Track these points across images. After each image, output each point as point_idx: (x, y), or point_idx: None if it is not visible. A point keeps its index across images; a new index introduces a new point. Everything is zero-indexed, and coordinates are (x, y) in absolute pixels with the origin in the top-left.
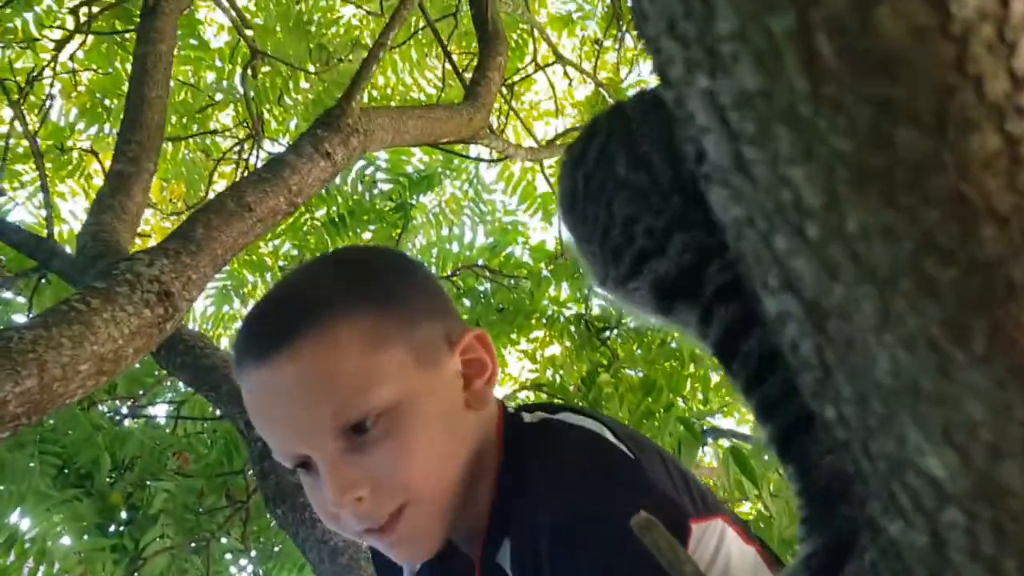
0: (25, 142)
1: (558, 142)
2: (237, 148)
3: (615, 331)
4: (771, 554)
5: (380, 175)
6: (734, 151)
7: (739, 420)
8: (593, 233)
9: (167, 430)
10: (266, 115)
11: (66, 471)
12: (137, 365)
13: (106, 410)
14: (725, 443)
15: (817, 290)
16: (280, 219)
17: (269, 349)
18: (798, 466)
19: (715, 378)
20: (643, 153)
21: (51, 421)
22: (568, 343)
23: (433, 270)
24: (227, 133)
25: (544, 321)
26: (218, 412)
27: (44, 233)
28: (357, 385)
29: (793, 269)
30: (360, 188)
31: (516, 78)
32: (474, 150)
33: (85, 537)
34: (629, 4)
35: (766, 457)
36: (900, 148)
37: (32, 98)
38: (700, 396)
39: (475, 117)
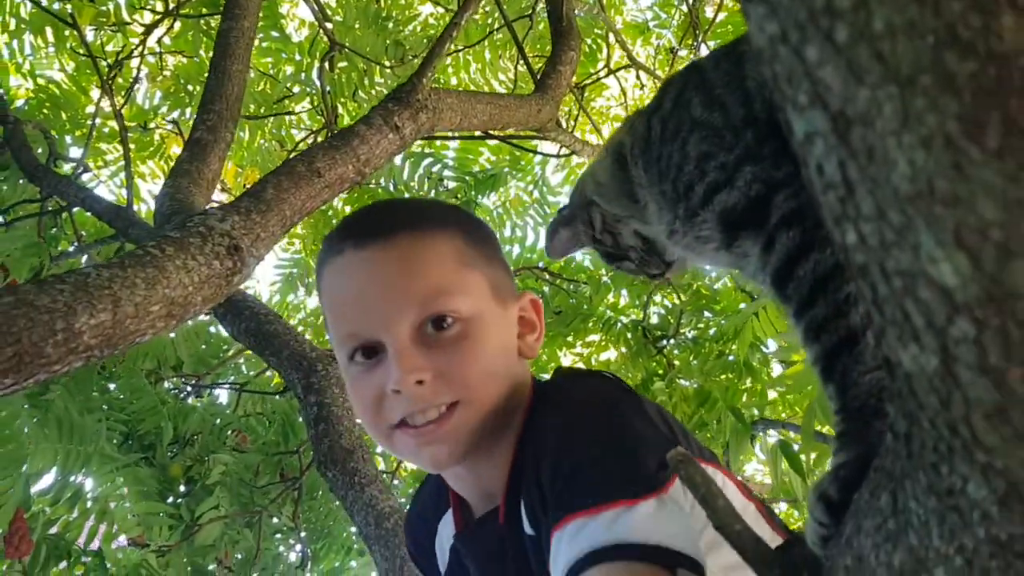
0: (110, 123)
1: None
2: (311, 139)
3: (672, 340)
4: (770, 514)
5: (447, 172)
6: None
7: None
8: (666, 172)
9: (229, 410)
10: (340, 109)
11: (130, 441)
12: (204, 346)
13: (170, 386)
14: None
15: (843, 98)
16: (347, 187)
17: (375, 235)
18: (839, 384)
19: (771, 394)
20: (717, 95)
21: (119, 393)
22: (624, 349)
23: None
24: (302, 126)
25: (601, 326)
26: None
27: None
28: (447, 287)
29: (822, 80)
30: (426, 185)
31: (587, 82)
32: (541, 147)
33: (144, 502)
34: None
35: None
36: None
37: (120, 80)
38: (755, 412)
39: (544, 108)
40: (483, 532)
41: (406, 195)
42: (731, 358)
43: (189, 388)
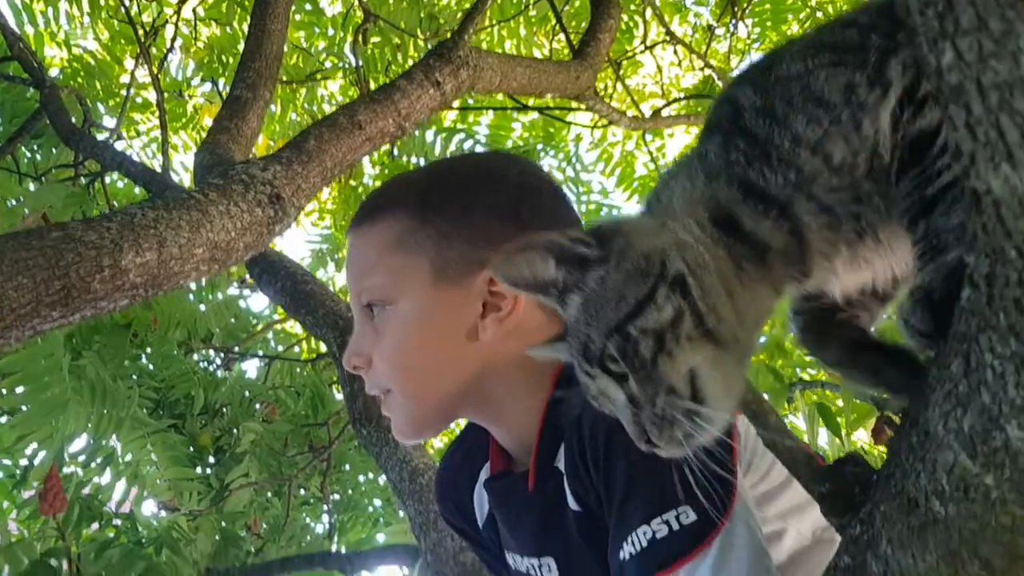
0: (143, 93)
1: (663, 113)
2: None
3: None
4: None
5: (479, 149)
6: None
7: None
8: None
9: (258, 383)
10: (372, 84)
11: (160, 410)
12: (233, 320)
13: (199, 359)
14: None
15: None
16: (387, 141)
17: (355, 223)
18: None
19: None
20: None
21: (150, 362)
22: None
23: None
24: (334, 101)
25: None
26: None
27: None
28: (365, 271)
29: None
30: None
31: (623, 59)
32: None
33: (175, 467)
34: None
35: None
36: None
37: (154, 51)
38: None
39: (582, 75)
40: (513, 489)
41: None
42: (762, 340)
43: (219, 361)
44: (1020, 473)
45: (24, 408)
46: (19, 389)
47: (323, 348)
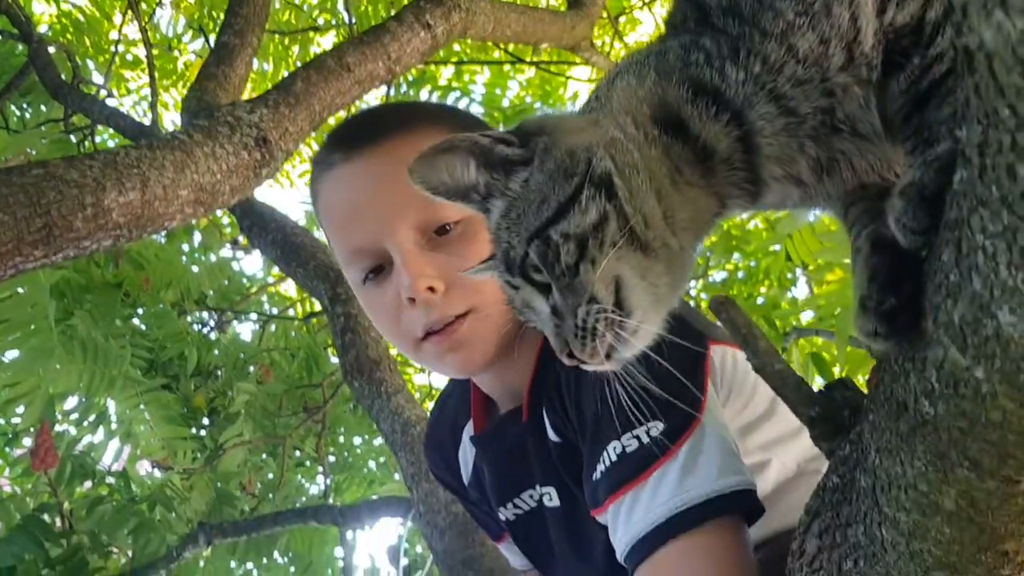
0: (133, 50)
1: None
2: None
3: (699, 282)
4: None
5: (475, 108)
6: None
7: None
8: None
9: (254, 344)
10: None
11: (154, 371)
12: (226, 282)
13: (192, 321)
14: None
15: None
16: (376, 84)
17: (365, 141)
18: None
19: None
20: None
21: (142, 321)
22: None
23: None
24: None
25: None
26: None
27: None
28: None
29: None
30: None
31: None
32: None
33: (169, 426)
34: None
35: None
36: None
37: (144, 6)
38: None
39: (578, 25)
40: (503, 430)
41: None
42: (760, 301)
43: (212, 323)
44: (1011, 363)
45: (11, 357)
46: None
47: (317, 307)
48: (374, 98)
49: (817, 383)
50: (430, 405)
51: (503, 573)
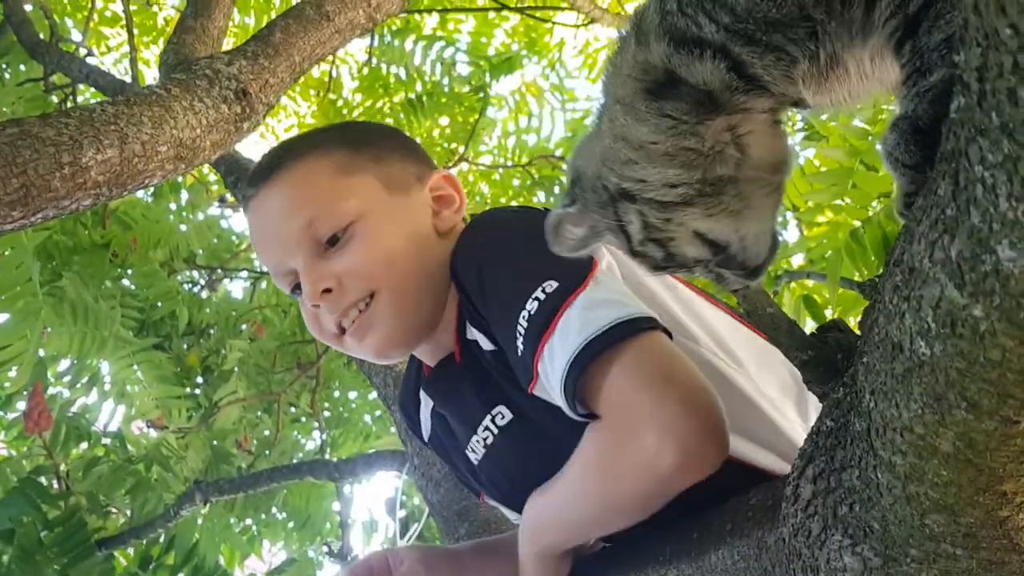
0: (112, 6)
1: None
2: None
3: None
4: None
5: (460, 57)
6: None
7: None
8: None
9: (245, 301)
10: None
11: (145, 331)
12: (215, 240)
13: (183, 280)
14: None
15: None
16: (357, 33)
17: (260, 181)
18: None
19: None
20: None
21: (132, 280)
22: None
23: (509, 161)
24: None
25: None
26: None
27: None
28: (328, 200)
29: None
30: (439, 70)
31: None
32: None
33: (162, 385)
34: None
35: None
36: None
37: None
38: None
39: None
40: (444, 371)
41: (418, 84)
42: None
43: (203, 282)
44: (1011, 299)
45: None
46: None
47: None
48: (359, 49)
49: (809, 326)
50: None
51: (498, 524)
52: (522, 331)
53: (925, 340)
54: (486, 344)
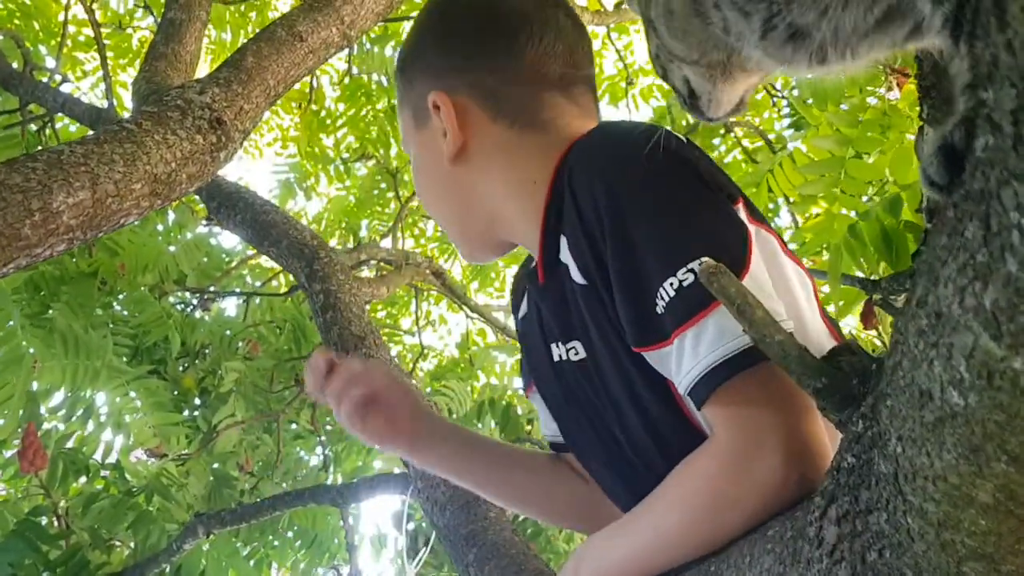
0: (85, 30)
1: (624, 7)
2: None
3: None
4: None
5: None
6: None
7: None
8: None
9: (239, 320)
10: None
11: (139, 357)
12: (205, 259)
13: (175, 301)
14: None
15: None
16: (332, 52)
17: None
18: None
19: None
20: None
21: (122, 307)
22: None
23: None
24: None
25: None
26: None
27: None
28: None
29: None
30: None
31: None
32: None
33: (159, 412)
34: None
35: None
36: None
37: None
38: None
39: None
40: (533, 283)
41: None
42: None
43: (195, 302)
44: None
45: None
46: None
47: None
48: (338, 59)
49: None
50: (423, 366)
51: (507, 547)
52: (668, 296)
53: (958, 390)
54: (577, 276)
